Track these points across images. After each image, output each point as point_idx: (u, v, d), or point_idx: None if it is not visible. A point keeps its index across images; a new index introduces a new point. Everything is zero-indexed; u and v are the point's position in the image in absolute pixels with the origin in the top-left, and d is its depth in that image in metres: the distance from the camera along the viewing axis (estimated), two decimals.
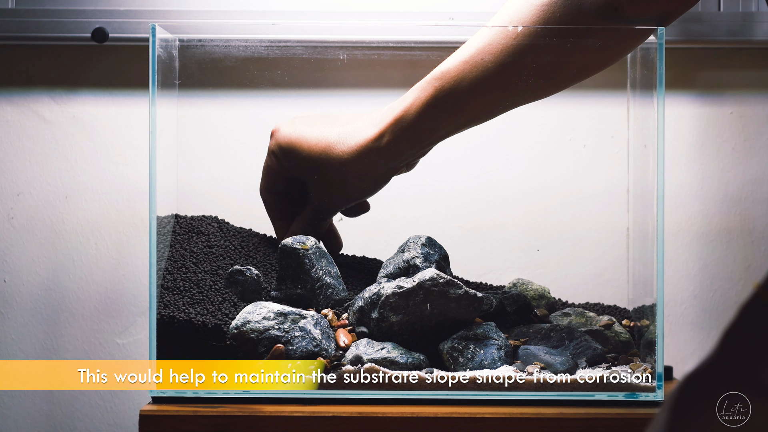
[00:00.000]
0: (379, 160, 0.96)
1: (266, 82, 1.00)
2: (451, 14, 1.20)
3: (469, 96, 0.93)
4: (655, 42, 0.93)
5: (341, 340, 0.92)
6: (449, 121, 0.95)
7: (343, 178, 0.97)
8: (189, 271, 0.95)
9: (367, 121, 0.97)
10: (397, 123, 0.95)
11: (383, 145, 0.95)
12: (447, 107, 0.94)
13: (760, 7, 1.21)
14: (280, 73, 1.02)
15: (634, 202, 1.05)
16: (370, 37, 1.03)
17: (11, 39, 1.23)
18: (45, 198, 1.26)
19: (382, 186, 0.99)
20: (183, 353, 0.91)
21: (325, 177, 0.98)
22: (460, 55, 0.94)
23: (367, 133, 0.96)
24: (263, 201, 1.02)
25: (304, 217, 1.02)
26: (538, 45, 0.92)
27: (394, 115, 0.95)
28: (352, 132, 0.97)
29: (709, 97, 1.26)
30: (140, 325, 1.26)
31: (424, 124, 0.95)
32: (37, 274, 1.26)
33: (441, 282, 0.91)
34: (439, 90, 0.94)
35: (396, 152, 0.96)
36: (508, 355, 0.91)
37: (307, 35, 1.03)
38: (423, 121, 0.94)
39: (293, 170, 1.00)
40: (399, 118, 0.95)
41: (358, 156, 0.96)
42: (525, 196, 1.21)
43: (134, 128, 1.26)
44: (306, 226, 1.01)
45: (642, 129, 1.01)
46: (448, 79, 0.94)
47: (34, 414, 1.27)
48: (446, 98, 0.94)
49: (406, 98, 0.95)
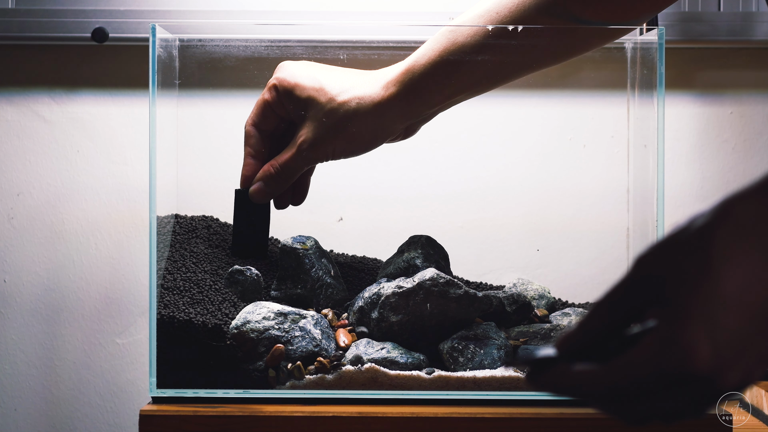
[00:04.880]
0: (385, 115, 0.94)
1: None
2: (451, 14, 1.20)
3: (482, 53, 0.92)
4: (655, 42, 0.93)
5: (341, 340, 0.92)
6: (458, 78, 0.93)
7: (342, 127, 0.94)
8: (189, 271, 0.95)
9: (378, 74, 0.95)
10: (405, 73, 0.93)
11: (390, 96, 0.93)
12: (458, 63, 0.92)
13: (760, 7, 1.21)
14: None
15: (634, 202, 1.05)
16: (370, 37, 1.03)
17: (11, 39, 1.23)
18: (45, 198, 1.26)
19: (376, 145, 0.96)
20: (183, 353, 0.91)
21: (322, 121, 0.95)
22: (475, 10, 0.93)
23: (377, 84, 0.94)
24: (245, 133, 0.99)
25: (282, 158, 0.97)
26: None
27: (405, 66, 0.94)
28: (365, 82, 0.95)
29: (709, 97, 1.26)
30: (140, 325, 1.26)
31: (432, 77, 0.93)
32: (37, 274, 1.26)
33: (441, 282, 0.91)
34: (452, 42, 0.92)
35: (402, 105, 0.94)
36: (508, 355, 0.91)
37: (307, 35, 1.03)
38: (432, 74, 0.93)
39: (291, 108, 0.97)
40: (408, 68, 0.93)
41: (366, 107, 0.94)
42: (525, 196, 1.21)
43: (134, 128, 1.26)
44: (280, 169, 0.97)
45: (642, 129, 1.01)
46: (462, 32, 0.92)
47: (34, 414, 1.27)
48: (458, 52, 0.92)
49: (417, 51, 0.94)
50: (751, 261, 0.53)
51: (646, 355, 0.54)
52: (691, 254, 0.53)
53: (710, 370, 0.52)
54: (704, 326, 0.52)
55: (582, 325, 0.57)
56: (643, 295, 0.55)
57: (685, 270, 0.54)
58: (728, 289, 0.52)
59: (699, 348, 0.52)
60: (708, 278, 0.53)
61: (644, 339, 0.54)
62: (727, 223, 0.53)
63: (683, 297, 0.53)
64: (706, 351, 0.52)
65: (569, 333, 0.57)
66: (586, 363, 0.56)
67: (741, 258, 0.53)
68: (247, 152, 0.99)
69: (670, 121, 1.23)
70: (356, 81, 0.95)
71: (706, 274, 0.53)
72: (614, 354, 0.55)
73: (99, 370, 1.27)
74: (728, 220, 0.53)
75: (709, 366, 0.52)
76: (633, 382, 0.54)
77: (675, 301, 0.54)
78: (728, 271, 0.53)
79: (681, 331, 0.53)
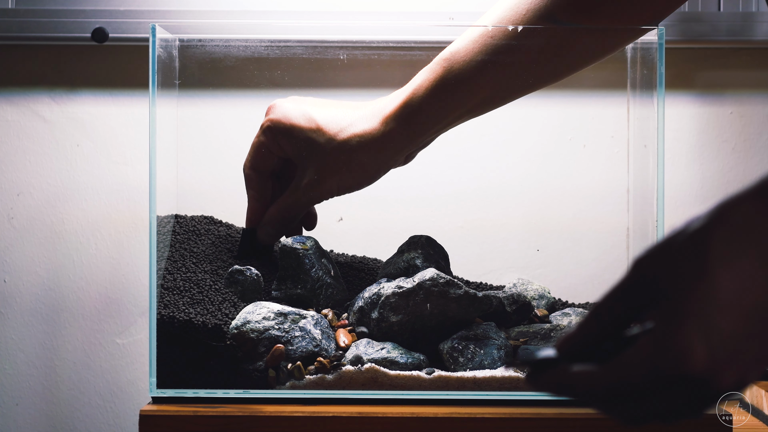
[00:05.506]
0: (385, 149, 0.94)
1: (266, 82, 1.00)
2: (451, 14, 1.20)
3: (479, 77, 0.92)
4: (655, 42, 0.93)
5: (341, 340, 0.92)
6: (457, 105, 0.93)
7: (343, 165, 0.94)
8: (189, 271, 0.95)
9: (375, 108, 0.94)
10: (404, 107, 0.93)
11: (390, 131, 0.93)
12: (456, 90, 0.92)
13: (760, 7, 1.21)
14: (280, 73, 1.02)
15: (634, 202, 1.05)
16: (370, 37, 1.03)
17: (11, 39, 1.23)
18: (45, 198, 1.26)
19: (378, 177, 0.97)
20: (183, 353, 0.91)
21: (323, 161, 0.95)
22: (469, 35, 0.92)
23: (375, 119, 0.93)
24: (245, 177, 0.98)
25: (286, 201, 0.98)
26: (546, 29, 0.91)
27: (402, 99, 0.93)
28: (362, 117, 0.94)
29: (709, 97, 1.26)
30: (140, 325, 1.26)
31: (431, 108, 0.92)
32: (37, 274, 1.26)
33: (441, 282, 0.91)
34: (448, 71, 0.92)
35: (402, 139, 0.93)
36: (508, 355, 0.91)
37: (307, 35, 1.03)
38: (430, 104, 0.92)
39: (288, 149, 0.96)
40: (406, 101, 0.93)
41: (366, 143, 0.93)
42: (525, 196, 1.21)
43: (134, 128, 1.26)
44: (285, 212, 0.98)
45: (642, 129, 1.01)
46: (458, 59, 0.92)
47: (34, 414, 1.27)
48: (455, 80, 0.91)
49: (413, 82, 0.93)
50: (747, 264, 0.53)
51: (642, 356, 0.54)
52: (687, 257, 0.54)
53: (705, 371, 0.53)
54: (699, 328, 0.53)
55: (581, 326, 0.58)
56: (640, 296, 0.56)
57: (681, 272, 0.54)
58: (724, 292, 0.53)
59: (694, 349, 0.53)
60: (704, 280, 0.53)
61: (641, 340, 0.54)
62: (722, 227, 0.54)
63: (679, 299, 0.54)
64: (701, 352, 0.53)
65: (569, 334, 0.58)
66: (585, 364, 0.56)
67: (736, 261, 0.53)
68: (250, 196, 0.99)
69: (670, 121, 1.23)
70: (354, 118, 0.94)
71: (702, 276, 0.53)
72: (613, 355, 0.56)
73: (99, 370, 1.27)
74: (724, 224, 0.54)
75: (704, 367, 0.53)
76: (629, 383, 0.55)
77: (671, 302, 0.54)
78: (724, 273, 0.53)
79: (676, 332, 0.53)
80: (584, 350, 0.57)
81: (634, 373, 0.55)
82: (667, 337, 0.53)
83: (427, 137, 0.96)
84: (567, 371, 0.57)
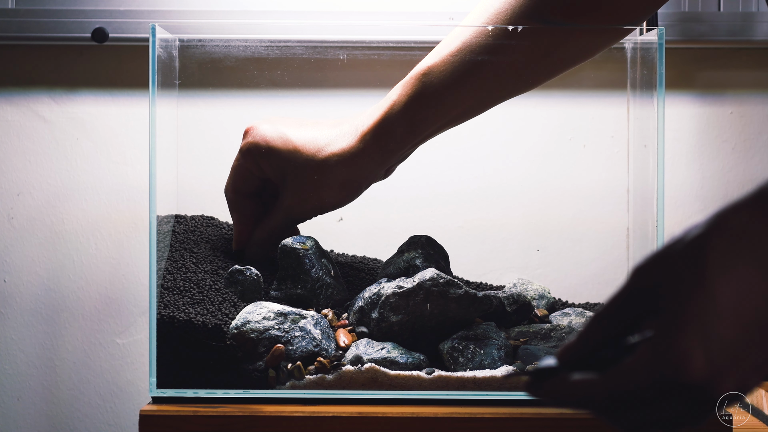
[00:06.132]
0: (365, 166, 0.94)
1: (266, 82, 1.00)
2: (451, 14, 1.20)
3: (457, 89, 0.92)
4: (655, 42, 0.93)
5: (341, 340, 0.92)
6: (435, 119, 0.93)
7: (324, 184, 0.95)
8: (189, 271, 0.95)
9: (352, 126, 0.94)
10: (381, 124, 0.93)
11: (368, 148, 0.93)
12: (433, 103, 0.92)
13: (760, 7, 1.21)
14: (280, 73, 1.02)
15: (634, 202, 1.05)
16: (370, 37, 1.03)
17: (11, 39, 1.23)
18: (45, 198, 1.26)
19: (360, 194, 0.97)
20: (183, 353, 0.91)
21: (304, 182, 0.95)
22: (445, 48, 0.92)
23: (352, 137, 0.94)
24: (228, 201, 0.99)
25: (270, 223, 0.98)
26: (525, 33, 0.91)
27: (378, 115, 0.93)
28: (339, 136, 0.94)
29: (709, 97, 1.26)
30: (140, 325, 1.26)
31: (409, 123, 0.92)
32: (37, 274, 1.26)
33: (441, 282, 0.91)
34: (425, 85, 0.91)
35: (381, 155, 0.94)
36: (508, 355, 0.91)
37: (307, 35, 1.03)
38: (408, 120, 0.92)
39: (269, 171, 0.96)
40: (383, 118, 0.93)
41: (345, 161, 0.93)
42: (525, 196, 1.21)
43: (134, 128, 1.26)
44: (271, 234, 0.98)
45: (642, 129, 1.01)
46: (436, 73, 0.92)
47: (34, 414, 1.27)
48: (432, 94, 0.91)
49: (389, 97, 0.93)
50: (745, 271, 0.53)
51: (642, 363, 0.54)
52: (686, 265, 0.54)
53: (704, 379, 0.53)
54: (698, 336, 0.53)
55: (582, 335, 0.58)
56: (640, 305, 0.56)
57: (680, 280, 0.54)
58: (722, 300, 0.53)
59: (693, 357, 0.53)
60: (702, 288, 0.53)
61: (640, 348, 0.55)
62: (721, 235, 0.54)
63: (678, 307, 0.54)
64: (700, 360, 0.53)
65: (569, 344, 0.58)
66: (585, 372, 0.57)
67: (735, 269, 0.53)
68: (235, 219, 0.99)
69: (670, 121, 1.23)
70: (331, 137, 0.94)
71: (701, 284, 0.53)
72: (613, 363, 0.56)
73: (99, 370, 1.27)
74: (722, 232, 0.54)
75: (703, 375, 0.53)
76: (630, 391, 0.55)
77: (670, 310, 0.54)
78: (722, 281, 0.53)
79: (675, 340, 0.53)
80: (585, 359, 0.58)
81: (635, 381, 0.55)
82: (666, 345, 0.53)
83: (406, 151, 0.96)
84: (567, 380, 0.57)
